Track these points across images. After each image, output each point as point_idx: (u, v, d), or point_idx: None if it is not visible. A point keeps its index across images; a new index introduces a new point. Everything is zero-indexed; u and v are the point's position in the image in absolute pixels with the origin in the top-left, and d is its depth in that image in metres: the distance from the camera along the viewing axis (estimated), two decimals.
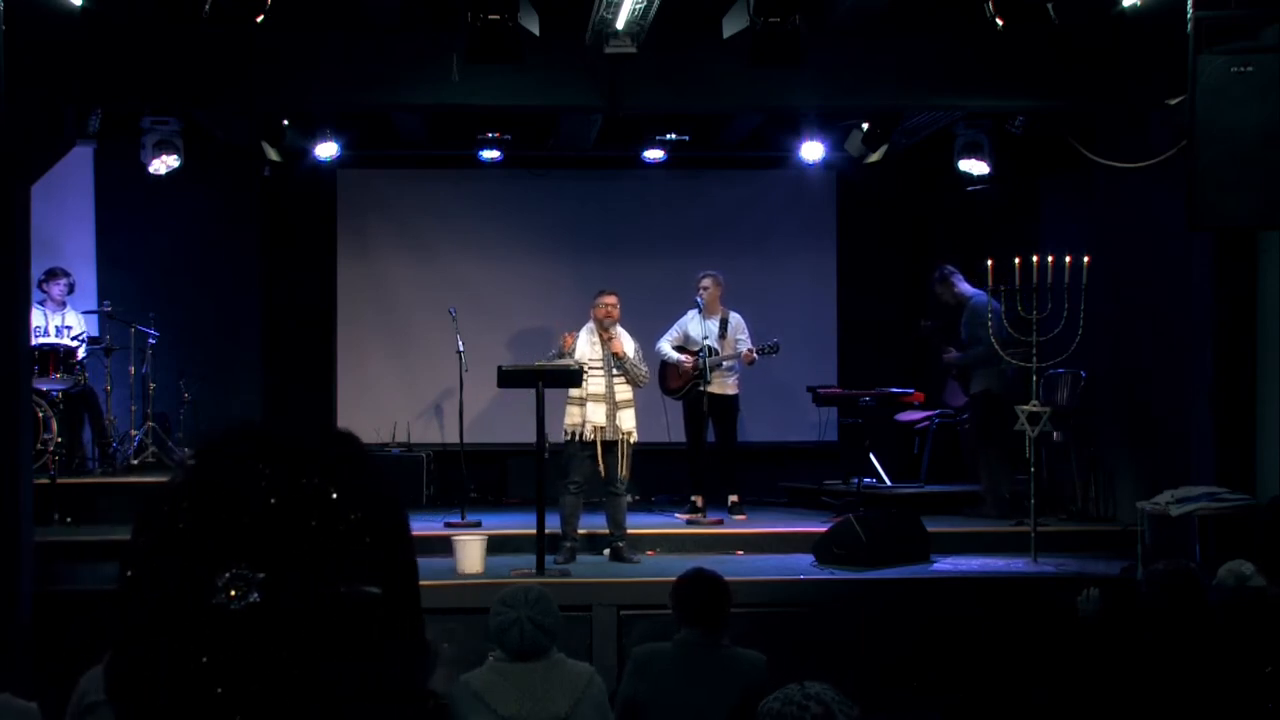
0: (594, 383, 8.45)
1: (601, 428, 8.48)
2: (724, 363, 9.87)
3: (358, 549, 1.05)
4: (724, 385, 9.96)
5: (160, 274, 11.12)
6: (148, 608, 1.03)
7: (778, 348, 9.85)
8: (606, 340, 8.60)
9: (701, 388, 9.80)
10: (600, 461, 8.45)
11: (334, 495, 1.05)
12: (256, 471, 1.06)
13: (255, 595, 1.01)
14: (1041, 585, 7.75)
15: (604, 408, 8.50)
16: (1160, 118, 8.03)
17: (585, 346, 8.61)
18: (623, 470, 8.50)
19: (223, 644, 1.01)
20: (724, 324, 9.91)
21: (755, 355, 9.78)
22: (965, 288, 9.89)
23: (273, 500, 1.04)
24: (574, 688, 4.23)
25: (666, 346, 10.05)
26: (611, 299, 8.68)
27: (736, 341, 9.90)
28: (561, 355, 8.63)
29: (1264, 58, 6.53)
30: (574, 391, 8.47)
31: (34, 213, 7.66)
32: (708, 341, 9.82)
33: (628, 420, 8.56)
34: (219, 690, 1.00)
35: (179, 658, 1.01)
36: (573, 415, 8.55)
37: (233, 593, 1.01)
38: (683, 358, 9.91)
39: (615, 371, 8.57)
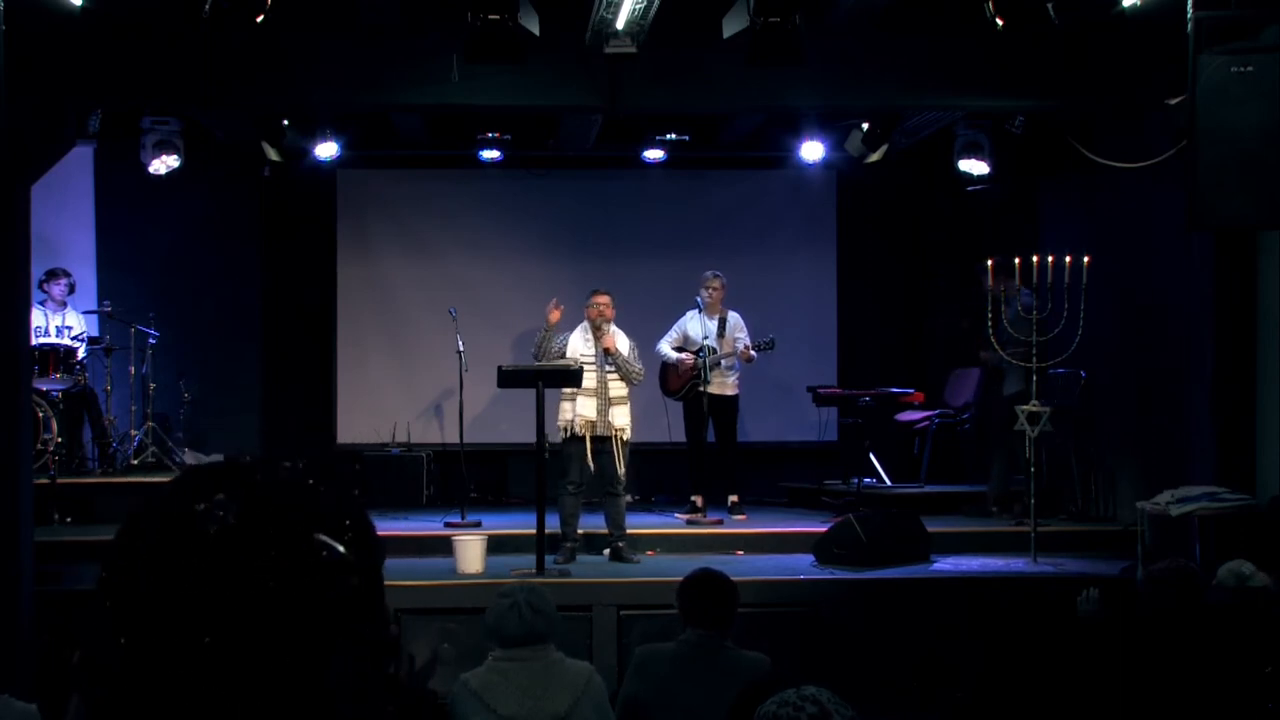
0: (586, 378, 8.46)
1: (592, 422, 8.49)
2: (723, 362, 9.87)
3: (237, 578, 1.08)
4: (724, 385, 9.96)
5: (160, 274, 11.12)
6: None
7: (773, 343, 9.84)
8: (600, 337, 8.61)
9: (701, 388, 9.80)
10: (592, 458, 8.45)
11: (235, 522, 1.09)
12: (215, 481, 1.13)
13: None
14: (1041, 585, 7.75)
15: (594, 403, 8.50)
16: (1160, 118, 8.02)
17: (579, 343, 8.63)
18: (621, 468, 8.50)
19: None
20: (722, 323, 9.91)
21: (753, 353, 9.78)
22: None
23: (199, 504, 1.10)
24: (573, 686, 4.23)
25: (666, 348, 10.05)
26: (604, 299, 8.70)
27: (735, 340, 9.90)
28: (549, 331, 8.64)
29: (1264, 58, 6.53)
30: (566, 388, 8.48)
31: (34, 213, 7.66)
32: (707, 341, 9.83)
33: (620, 417, 8.55)
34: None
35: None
36: (565, 411, 8.56)
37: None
38: (682, 356, 9.91)
39: (608, 367, 8.58)
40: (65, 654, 6.11)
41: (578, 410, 8.49)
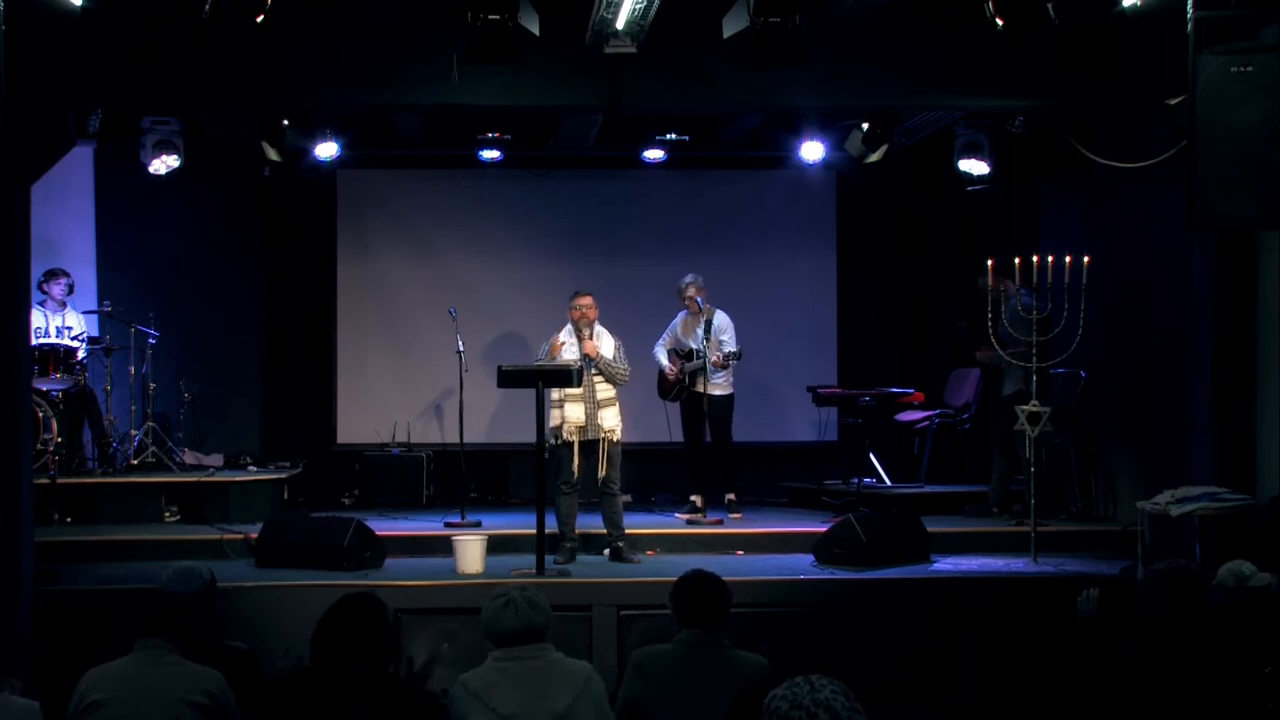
0: None
1: (581, 426, 8.48)
2: (707, 365, 9.80)
3: None
4: (713, 385, 9.91)
5: (160, 274, 11.13)
6: None
7: (740, 355, 9.61)
8: (581, 340, 8.61)
9: (697, 388, 9.78)
10: (579, 461, 8.43)
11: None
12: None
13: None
14: (1041, 585, 7.75)
15: (582, 406, 8.50)
16: (1160, 118, 8.02)
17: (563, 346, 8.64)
18: (603, 468, 8.48)
19: None
20: (708, 325, 9.82)
21: (724, 362, 9.66)
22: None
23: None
24: (572, 685, 4.22)
25: (660, 353, 10.10)
26: (586, 300, 8.68)
27: (720, 342, 9.82)
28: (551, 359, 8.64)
29: (1264, 58, 6.52)
30: (554, 393, 8.46)
31: (34, 213, 7.66)
32: (693, 345, 9.86)
33: (609, 419, 8.53)
34: None
35: None
36: (554, 417, 8.56)
37: None
38: (667, 366, 9.94)
39: (593, 370, 8.57)
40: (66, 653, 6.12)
41: (566, 415, 8.49)
